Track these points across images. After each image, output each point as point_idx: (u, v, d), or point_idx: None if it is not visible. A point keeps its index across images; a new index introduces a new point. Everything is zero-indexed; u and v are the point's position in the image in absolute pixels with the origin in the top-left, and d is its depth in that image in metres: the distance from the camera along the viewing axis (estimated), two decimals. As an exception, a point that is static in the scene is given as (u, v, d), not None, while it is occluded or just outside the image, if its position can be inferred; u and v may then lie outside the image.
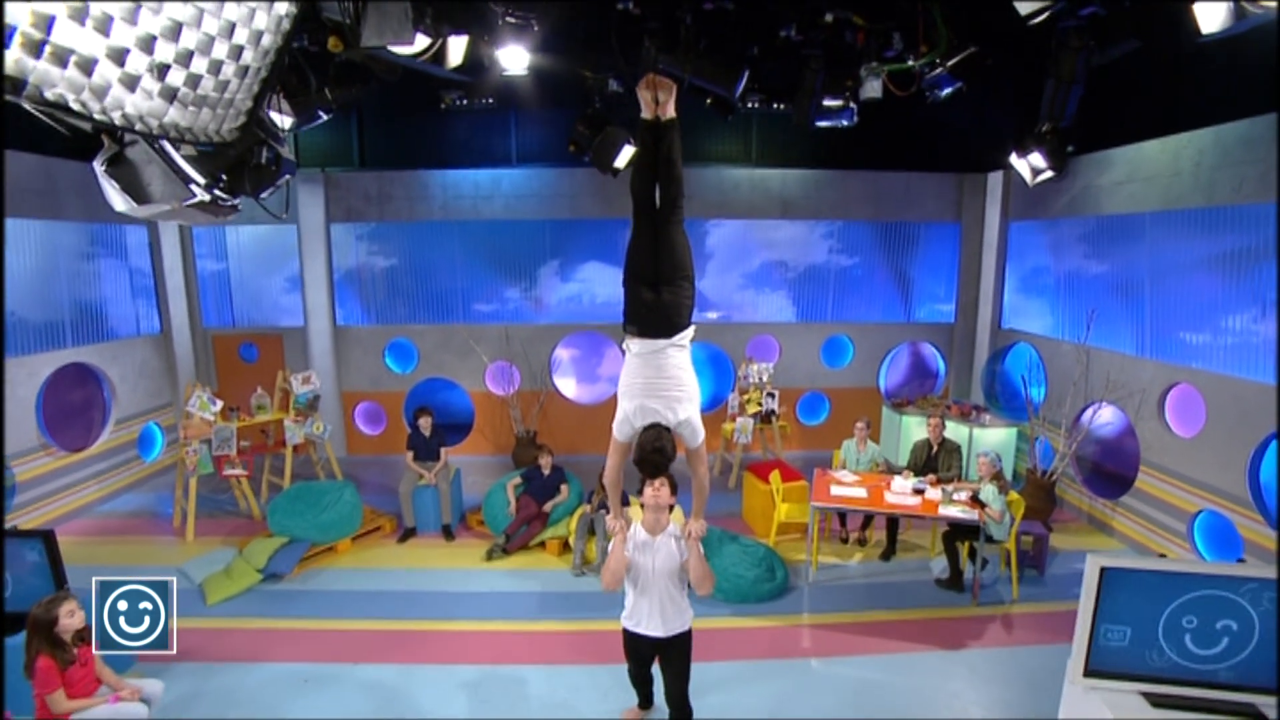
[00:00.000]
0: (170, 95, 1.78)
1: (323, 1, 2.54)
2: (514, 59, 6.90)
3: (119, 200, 2.65)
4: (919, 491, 6.31)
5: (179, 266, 9.03)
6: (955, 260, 9.85)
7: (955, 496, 6.13)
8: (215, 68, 1.88)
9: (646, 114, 3.26)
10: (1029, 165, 7.40)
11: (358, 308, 9.72)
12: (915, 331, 10.12)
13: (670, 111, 3.26)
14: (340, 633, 5.43)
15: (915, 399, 9.52)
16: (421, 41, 2.83)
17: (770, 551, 6.34)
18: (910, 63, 4.70)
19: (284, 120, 4.37)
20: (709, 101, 8.34)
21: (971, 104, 9.16)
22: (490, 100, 8.00)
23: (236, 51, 1.93)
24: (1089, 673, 3.24)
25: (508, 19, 5.65)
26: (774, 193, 9.56)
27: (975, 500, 5.98)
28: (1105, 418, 7.44)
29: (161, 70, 1.71)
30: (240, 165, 3.05)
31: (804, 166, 9.52)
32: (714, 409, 9.82)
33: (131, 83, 1.64)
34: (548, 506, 7.00)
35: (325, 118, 7.18)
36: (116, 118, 1.66)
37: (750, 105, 8.45)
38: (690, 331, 3.34)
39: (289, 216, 8.94)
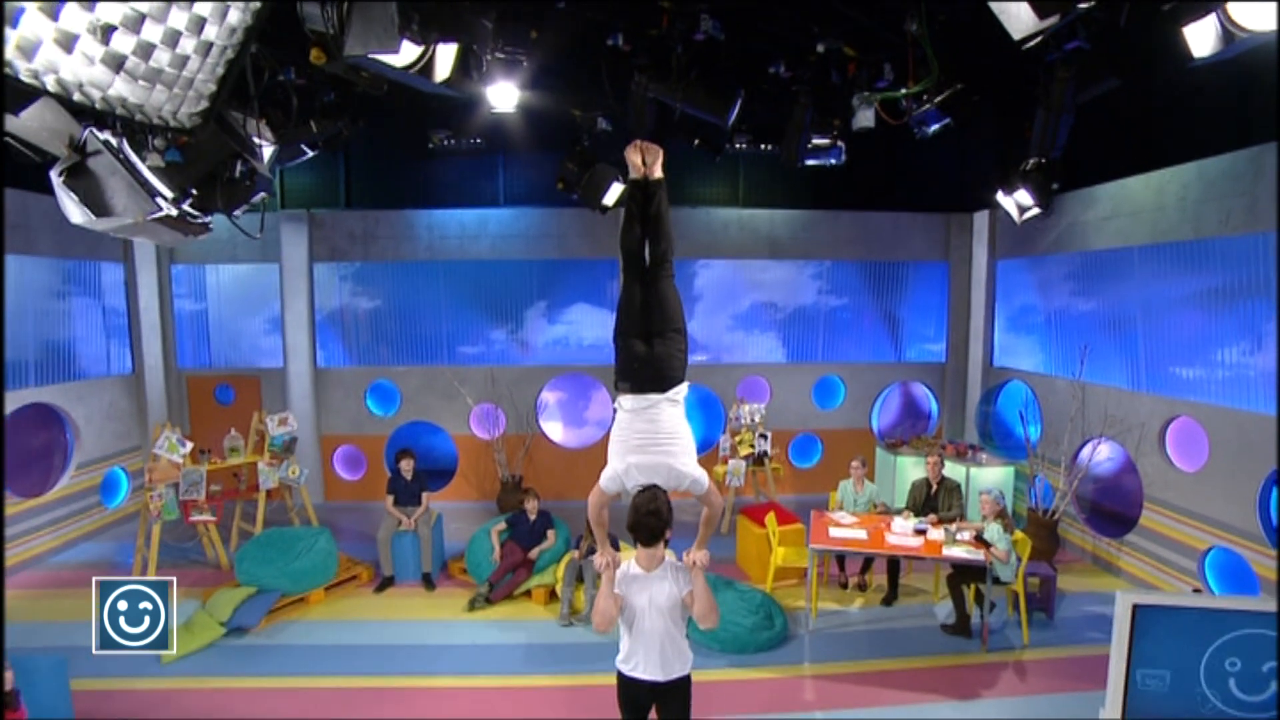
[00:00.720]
0: (116, 64, 1.63)
1: (306, 4, 2.44)
2: (503, 96, 6.94)
3: (76, 212, 2.47)
4: (920, 532, 6.07)
5: (155, 305, 8.79)
6: (944, 299, 9.86)
7: (959, 537, 5.91)
8: (172, 39, 1.73)
9: (634, 174, 3.32)
10: (1015, 203, 7.47)
11: (339, 349, 9.48)
12: (906, 371, 10.04)
13: (658, 172, 3.31)
14: (310, 691, 5.01)
15: (909, 439, 9.36)
16: (408, 51, 2.74)
17: (768, 598, 6.03)
18: (903, 91, 4.71)
19: (265, 148, 4.22)
20: (696, 142, 8.46)
21: (955, 145, 9.37)
22: (478, 140, 8.02)
23: (198, 24, 1.78)
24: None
25: (498, 54, 5.65)
26: (762, 233, 9.59)
27: (980, 540, 5.76)
28: (1103, 455, 7.31)
29: (105, 32, 1.56)
30: (212, 180, 2.89)
31: (792, 207, 9.58)
32: (704, 452, 9.56)
33: (67, 42, 1.48)
34: (534, 553, 6.66)
35: (310, 154, 7.16)
36: (50, 82, 1.49)
37: (738, 146, 8.56)
38: (684, 387, 3.23)
39: (270, 255, 8.88)
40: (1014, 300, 9.01)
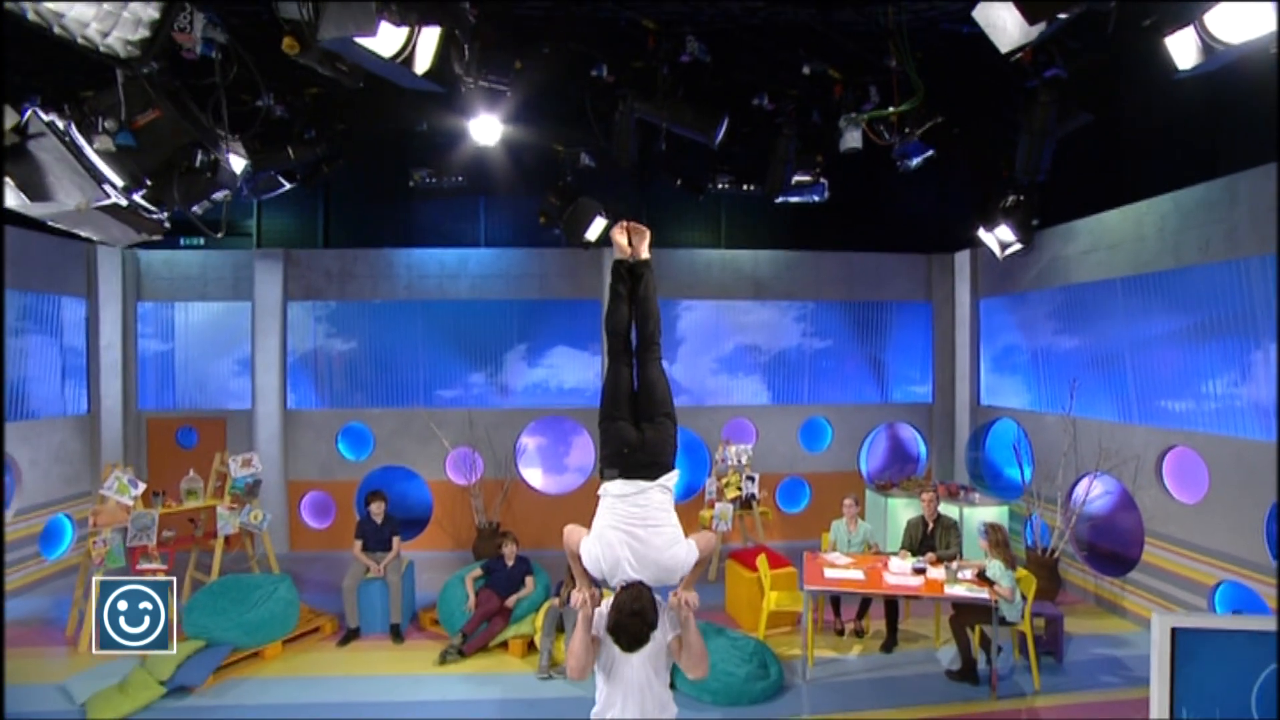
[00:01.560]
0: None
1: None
2: (486, 130, 6.95)
3: (11, 196, 2.25)
4: (919, 571, 5.78)
5: (117, 343, 8.43)
6: (929, 339, 9.84)
7: (960, 575, 5.62)
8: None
9: (620, 255, 3.25)
10: (997, 239, 7.55)
11: (311, 390, 9.13)
12: (893, 412, 9.90)
13: (644, 253, 3.24)
14: (256, 757, 4.50)
15: (899, 481, 9.14)
16: (389, 39, 2.62)
17: (761, 645, 5.65)
18: (890, 109, 4.73)
19: (235, 159, 4.05)
20: (679, 182, 8.52)
21: (934, 186, 9.57)
22: (460, 179, 7.99)
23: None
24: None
25: (481, 84, 5.64)
26: (745, 273, 9.57)
27: (982, 578, 5.48)
28: (1097, 492, 7.13)
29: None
30: (169, 169, 2.70)
31: (773, 248, 9.61)
32: (689, 497, 9.27)
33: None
34: (510, 601, 6.22)
35: (287, 186, 7.04)
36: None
37: (720, 186, 8.62)
38: (675, 475, 3.00)
39: (243, 293, 8.63)
40: (999, 338, 9.00)
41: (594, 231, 7.30)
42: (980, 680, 5.40)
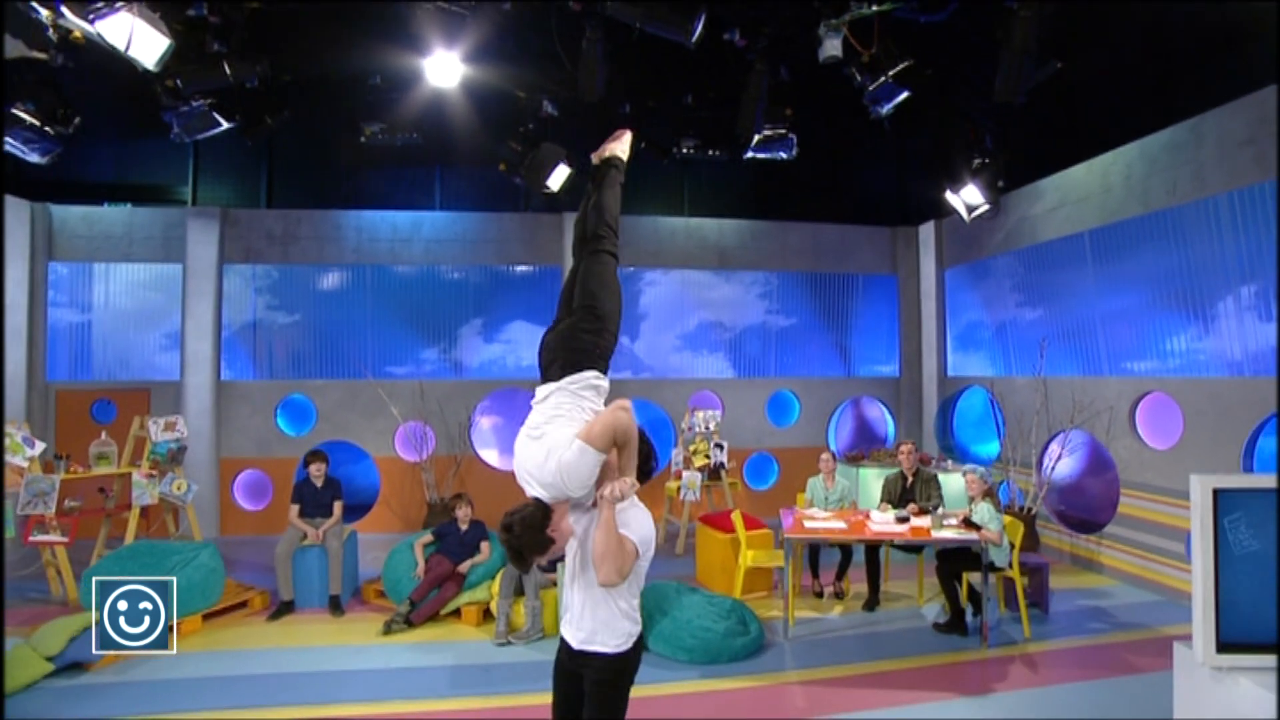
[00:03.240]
0: None
1: None
2: (444, 70, 6.55)
3: None
4: (903, 519, 5.51)
5: (23, 305, 7.59)
6: (895, 312, 9.76)
7: (946, 523, 5.37)
8: None
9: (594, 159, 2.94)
10: (964, 202, 7.50)
11: (248, 360, 8.43)
12: (861, 386, 9.75)
13: (616, 151, 2.90)
14: (164, 729, 3.86)
15: (869, 453, 8.94)
16: None
17: (739, 604, 5.25)
18: (873, 8, 4.55)
19: (152, 41, 3.53)
20: (643, 145, 8.25)
21: (895, 160, 9.58)
22: (416, 136, 7.53)
23: None
24: (1224, 648, 2.41)
25: (440, 4, 5.26)
26: (710, 242, 9.34)
27: (969, 524, 5.24)
28: (1064, 467, 7.00)
29: None
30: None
31: (735, 217, 9.42)
32: (654, 475, 8.87)
33: None
34: (464, 567, 5.69)
35: (224, 126, 6.49)
36: None
37: (686, 150, 8.38)
38: (590, 376, 2.49)
39: (174, 255, 7.94)
40: (967, 306, 8.96)
41: (557, 179, 6.95)
42: (969, 632, 5.13)
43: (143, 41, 3.94)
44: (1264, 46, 5.02)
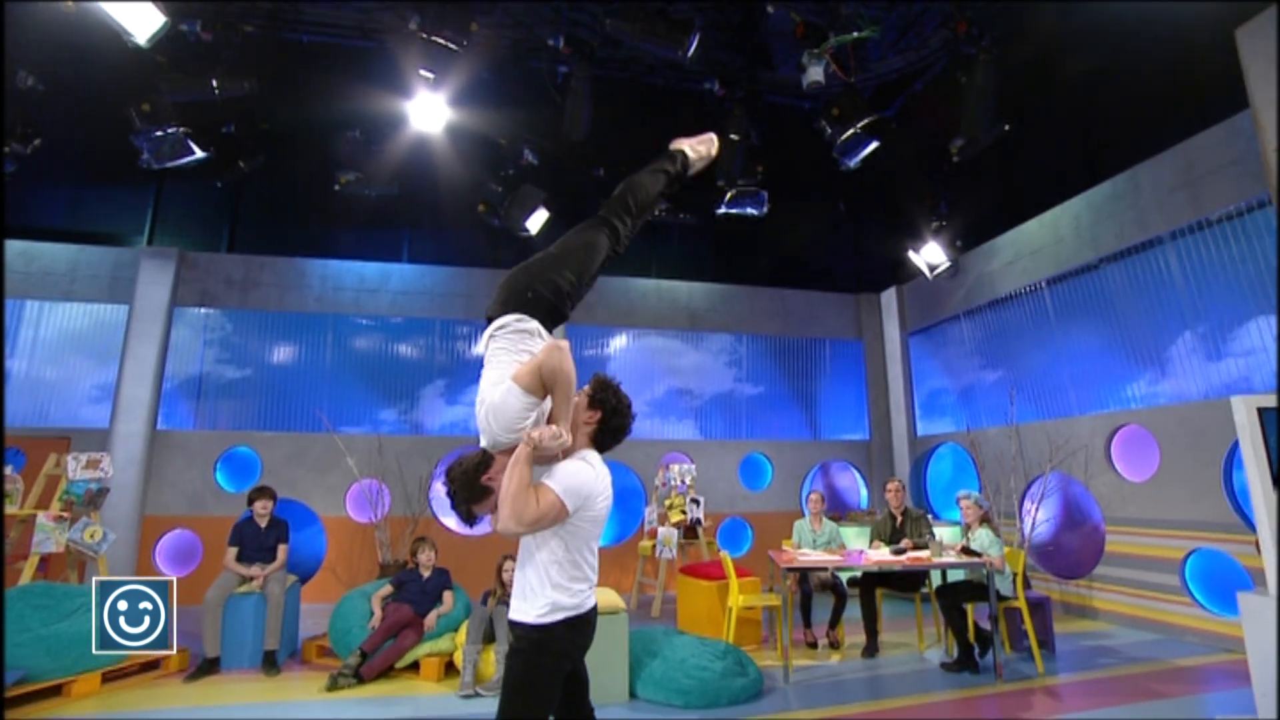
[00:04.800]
0: None
1: None
2: (428, 112, 6.69)
3: None
4: (899, 552, 5.26)
5: (-62, 340, 6.92)
6: (862, 376, 9.90)
7: (945, 554, 5.14)
8: None
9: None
10: (926, 261, 7.89)
11: (189, 408, 7.79)
12: (833, 449, 9.66)
13: (683, 144, 2.85)
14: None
15: (847, 514, 8.73)
16: None
17: (733, 646, 4.80)
18: (854, 35, 4.89)
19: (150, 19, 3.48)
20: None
21: (853, 233, 10.12)
22: (396, 189, 7.59)
23: None
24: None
25: (435, 38, 5.46)
26: (681, 304, 9.44)
27: (969, 552, 5.03)
28: (1042, 517, 6.95)
29: None
30: None
31: (706, 280, 9.62)
32: (623, 540, 8.43)
33: None
34: (430, 619, 5.08)
35: (198, 154, 6.39)
36: None
37: (657, 213, 8.68)
38: (523, 321, 2.31)
39: (120, 295, 7.52)
40: (933, 366, 9.17)
41: (535, 222, 6.99)
42: (980, 669, 4.77)
43: (137, 15, 3.87)
44: (1186, 103, 5.64)
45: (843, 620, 5.76)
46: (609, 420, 2.30)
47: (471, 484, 2.16)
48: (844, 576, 5.98)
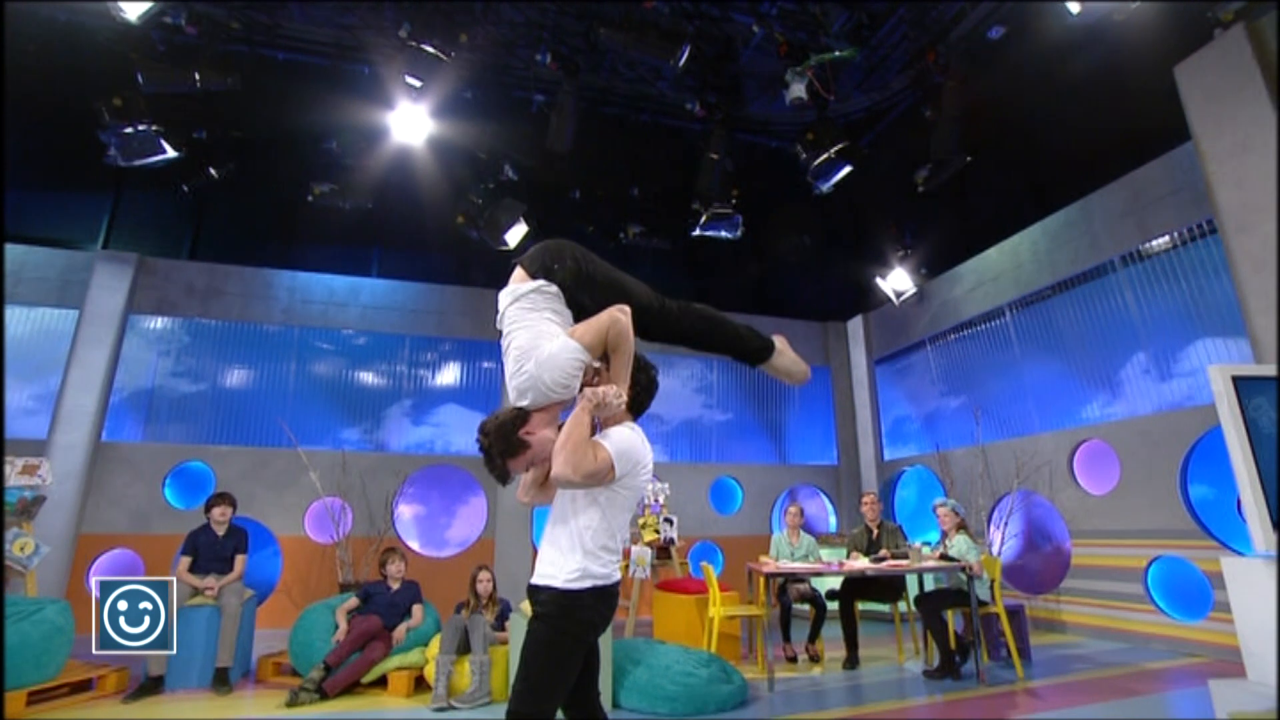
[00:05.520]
0: None
1: None
2: (412, 126, 6.72)
3: None
4: (879, 560, 5.27)
5: None
6: (830, 402, 10.06)
7: (924, 561, 5.17)
8: None
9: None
10: (893, 289, 8.19)
11: (138, 420, 7.37)
12: (802, 474, 9.71)
13: (781, 339, 2.64)
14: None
15: (817, 538, 8.72)
16: None
17: (716, 656, 4.69)
18: (837, 53, 5.13)
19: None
20: (590, 229, 8.65)
21: (818, 266, 10.43)
22: (368, 202, 7.54)
23: None
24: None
25: (424, 46, 5.53)
26: (655, 327, 9.48)
27: (946, 559, 5.07)
28: (1010, 532, 7.11)
29: None
30: None
31: (682, 305, 9.73)
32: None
33: None
34: (399, 632, 4.83)
35: (167, 154, 6.23)
36: None
37: (632, 235, 8.84)
38: (548, 286, 2.23)
39: (71, 299, 7.18)
40: (899, 395, 9.39)
41: (515, 235, 7.00)
42: (962, 676, 4.76)
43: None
44: (1131, 137, 6.08)
45: (821, 635, 5.70)
46: (641, 396, 2.32)
47: (508, 437, 2.08)
48: (822, 589, 5.95)
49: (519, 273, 2.30)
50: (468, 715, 4.11)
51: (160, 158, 6.22)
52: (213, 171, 7.25)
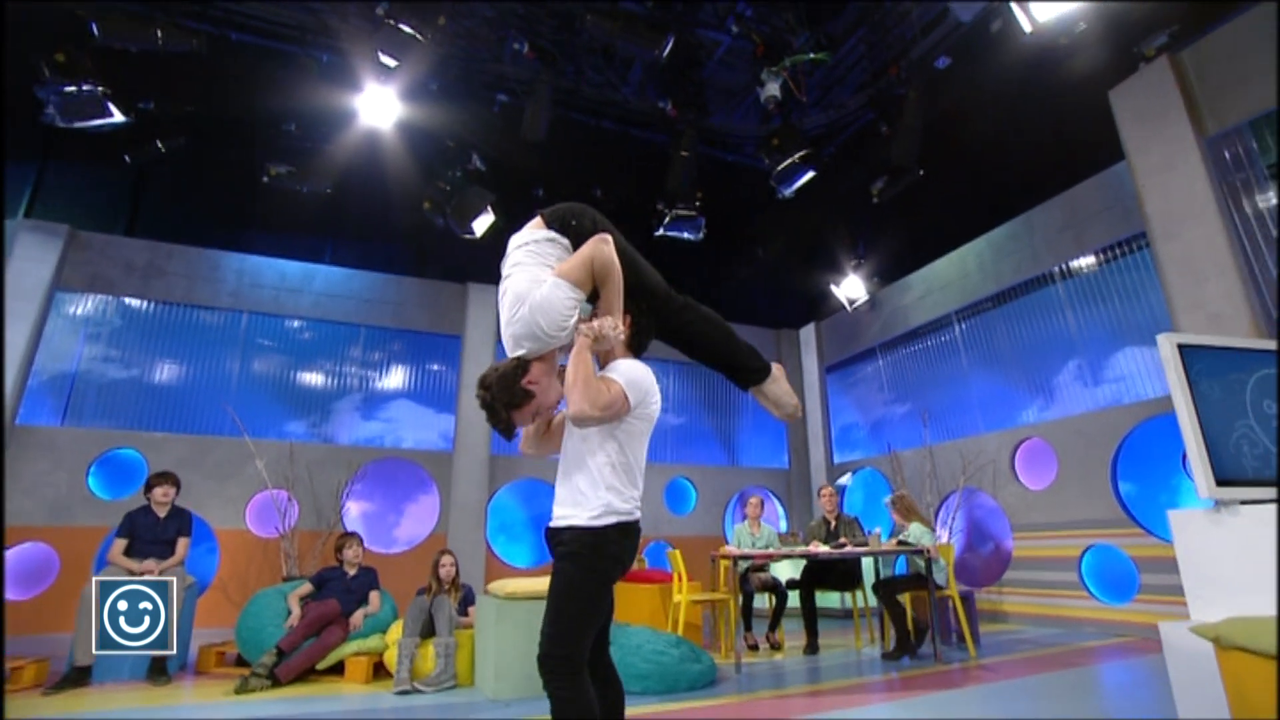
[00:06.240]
0: None
1: None
2: (380, 108, 6.59)
3: None
4: (840, 546, 5.42)
5: None
6: (782, 407, 10.29)
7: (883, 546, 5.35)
8: None
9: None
10: (846, 296, 8.51)
11: (59, 401, 6.84)
12: (753, 476, 9.87)
13: (777, 367, 2.73)
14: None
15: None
16: None
17: (684, 638, 4.70)
18: (811, 55, 5.34)
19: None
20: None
21: (777, 269, 10.72)
22: (326, 187, 7.32)
23: None
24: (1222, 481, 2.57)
25: (402, 25, 5.46)
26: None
27: (904, 545, 5.26)
28: (956, 526, 7.45)
29: None
30: None
31: (641, 308, 9.81)
32: (548, 561, 8.10)
33: None
34: (356, 617, 4.64)
35: (115, 119, 5.90)
36: None
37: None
38: (545, 230, 2.25)
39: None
40: (848, 402, 9.70)
41: (482, 224, 6.92)
42: (917, 654, 4.94)
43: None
44: (1069, 157, 6.57)
45: (782, 624, 5.80)
46: (637, 337, 2.31)
47: (511, 387, 2.05)
48: (783, 580, 6.06)
49: (537, 221, 2.30)
50: (432, 698, 3.97)
51: (105, 121, 5.87)
52: (159, 144, 6.90)
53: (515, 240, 2.31)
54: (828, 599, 7.68)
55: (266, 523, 7.02)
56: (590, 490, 2.03)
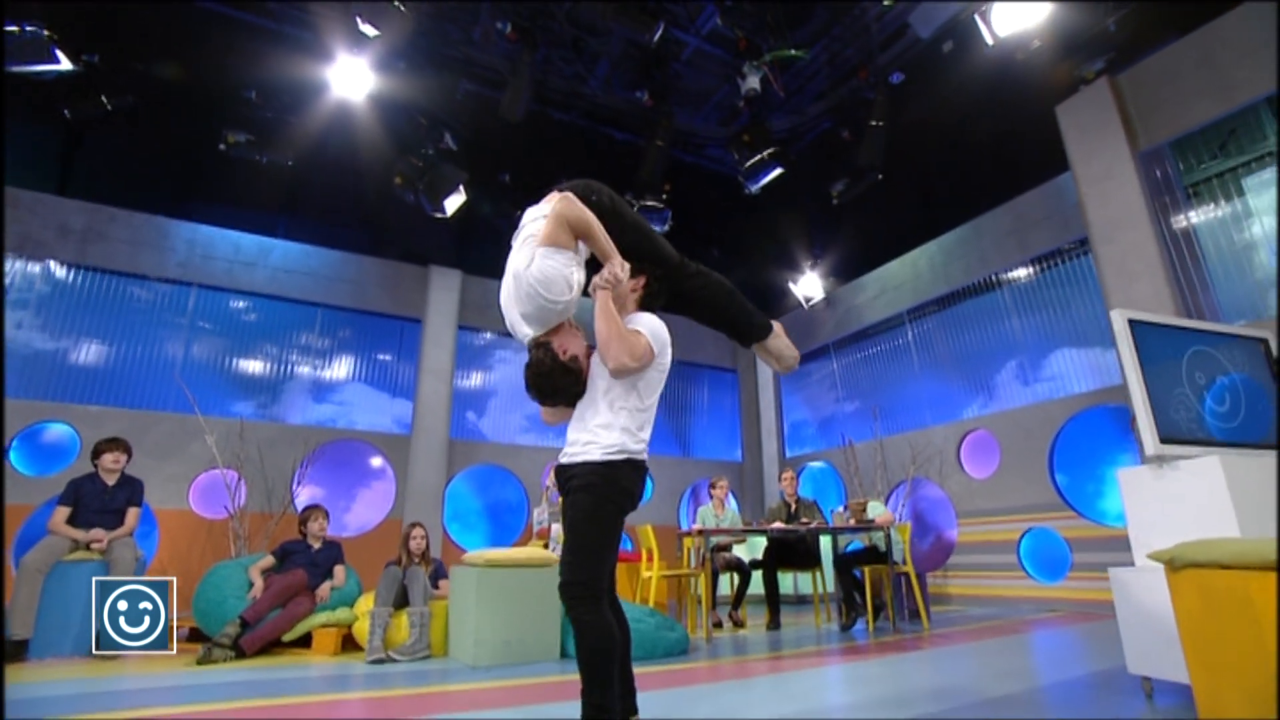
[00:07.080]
0: None
1: None
2: (352, 80, 6.45)
3: None
4: (805, 523, 5.63)
5: None
6: (736, 403, 10.54)
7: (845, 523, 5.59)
8: None
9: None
10: (803, 294, 8.82)
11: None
12: (708, 468, 10.03)
13: (779, 325, 2.89)
14: None
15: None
16: None
17: (655, 610, 4.79)
18: (792, 51, 5.55)
19: None
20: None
21: (734, 267, 10.97)
22: (288, 160, 7.08)
23: None
24: (1165, 439, 2.86)
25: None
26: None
27: (865, 523, 5.51)
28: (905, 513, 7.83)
29: None
30: None
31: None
32: (515, 539, 8.10)
33: None
34: (323, 590, 4.52)
35: (60, 65, 5.58)
36: None
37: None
38: (559, 198, 2.27)
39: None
40: (801, 399, 10.02)
41: (454, 202, 6.85)
42: (876, 629, 5.17)
43: None
44: (1015, 168, 7.05)
45: (745, 602, 5.95)
46: (655, 289, 2.44)
47: (565, 368, 2.16)
48: (746, 558, 6.22)
49: (554, 195, 2.36)
50: (407, 666, 3.90)
51: (49, 67, 5.54)
52: (104, 100, 6.52)
53: (531, 214, 2.36)
54: (785, 586, 7.93)
55: (211, 504, 6.70)
56: (604, 432, 2.13)
